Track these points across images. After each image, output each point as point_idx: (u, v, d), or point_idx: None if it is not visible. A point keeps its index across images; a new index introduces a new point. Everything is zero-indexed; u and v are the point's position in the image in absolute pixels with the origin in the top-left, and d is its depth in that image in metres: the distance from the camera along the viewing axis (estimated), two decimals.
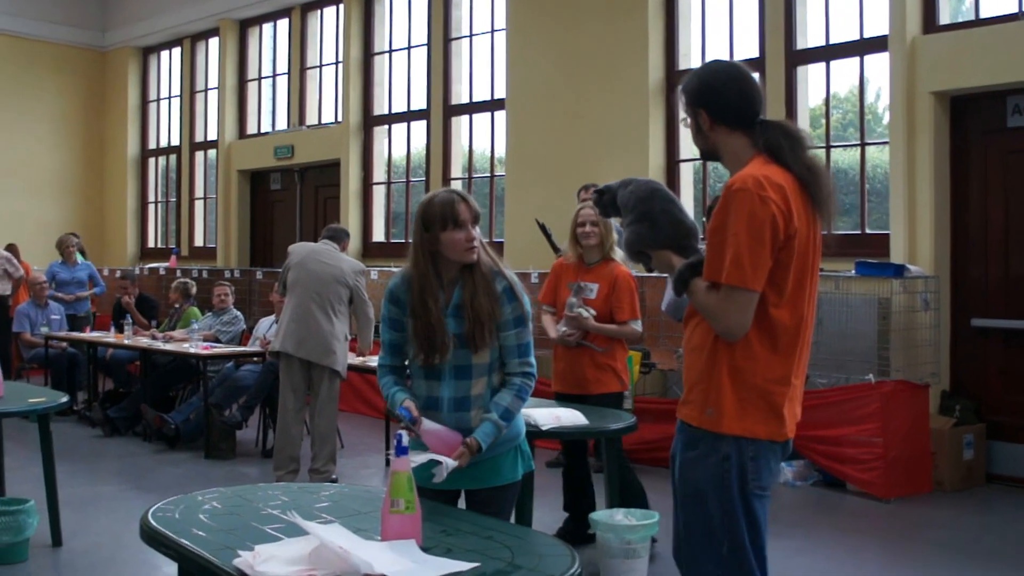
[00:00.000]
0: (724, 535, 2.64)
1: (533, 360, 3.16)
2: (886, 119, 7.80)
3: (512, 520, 3.26)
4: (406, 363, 3.23)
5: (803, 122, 7.97)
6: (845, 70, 8.01)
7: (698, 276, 2.65)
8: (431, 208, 3.07)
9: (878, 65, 7.71)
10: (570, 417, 4.27)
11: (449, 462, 2.89)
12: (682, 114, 2.81)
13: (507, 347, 3.11)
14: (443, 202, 3.05)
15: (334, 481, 6.77)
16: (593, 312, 5.13)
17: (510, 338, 3.10)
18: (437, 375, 3.10)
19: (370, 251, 11.38)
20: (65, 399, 5.43)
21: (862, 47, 7.71)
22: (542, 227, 7.92)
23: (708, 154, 2.83)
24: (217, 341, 8.62)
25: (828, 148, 7.96)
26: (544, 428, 4.10)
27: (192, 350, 8.03)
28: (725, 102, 2.71)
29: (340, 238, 7.12)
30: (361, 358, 7.41)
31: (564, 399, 5.11)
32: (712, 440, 2.64)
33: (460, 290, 3.08)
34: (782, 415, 2.67)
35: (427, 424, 3.01)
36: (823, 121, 8.07)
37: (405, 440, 2.45)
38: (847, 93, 8.34)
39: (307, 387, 6.85)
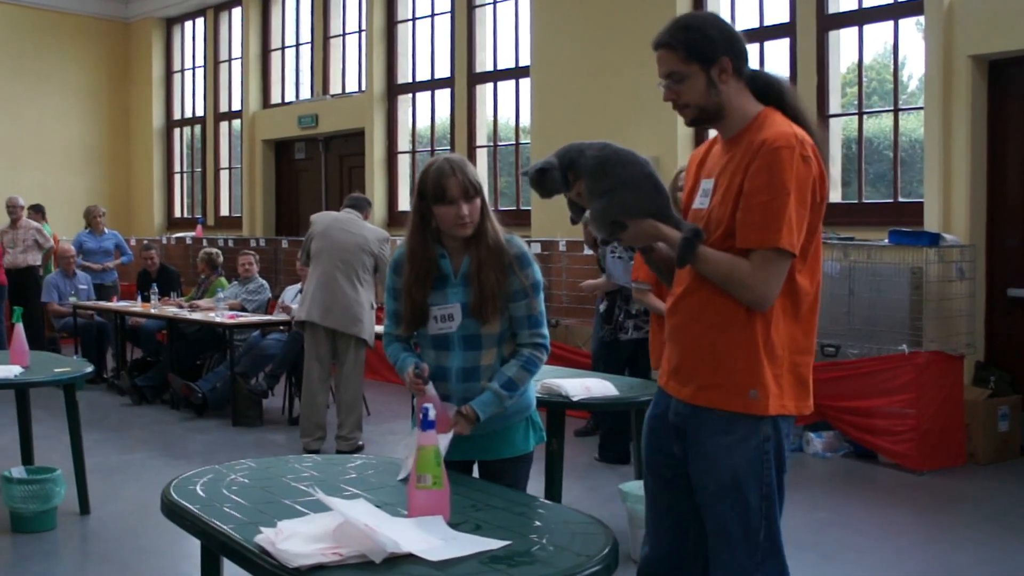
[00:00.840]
0: (761, 521, 2.48)
1: (546, 331, 3.05)
2: (912, 85, 7.64)
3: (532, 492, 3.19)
4: (413, 334, 3.17)
5: (834, 88, 7.80)
6: (877, 34, 7.83)
7: (702, 243, 2.49)
8: (425, 178, 2.98)
9: (910, 30, 7.52)
10: (600, 387, 4.20)
11: (443, 440, 2.78)
12: (666, 73, 2.52)
13: (517, 318, 3.02)
14: (435, 174, 2.94)
15: (360, 447, 6.84)
16: None
17: (520, 308, 3.01)
18: (446, 344, 3.03)
19: (395, 220, 11.33)
20: (90, 369, 5.43)
21: (896, 10, 7.51)
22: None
23: (713, 114, 2.55)
24: (243, 310, 8.61)
25: (861, 115, 7.80)
26: (574, 399, 4.03)
27: (218, 319, 8.03)
28: (741, 47, 2.53)
29: (362, 207, 7.08)
30: None
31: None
32: (753, 422, 2.47)
33: (468, 260, 3.01)
34: (808, 386, 2.55)
35: (431, 389, 2.95)
36: (852, 88, 7.89)
37: (432, 414, 2.38)
38: (878, 58, 8.16)
39: (333, 355, 6.84)
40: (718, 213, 2.51)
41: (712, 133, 2.70)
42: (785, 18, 7.98)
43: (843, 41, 7.83)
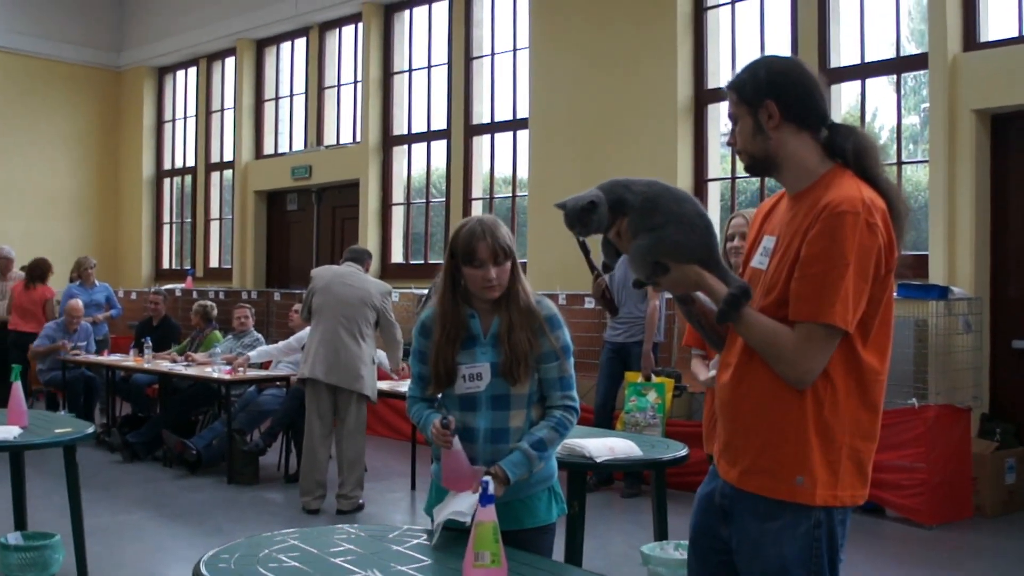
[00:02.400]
0: None
1: (575, 394, 3.01)
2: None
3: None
4: (439, 395, 3.10)
5: None
6: (879, 88, 7.87)
7: (748, 303, 2.31)
8: (457, 238, 2.97)
9: (912, 84, 7.58)
10: (624, 448, 4.12)
11: (468, 500, 2.70)
12: (725, 121, 2.46)
13: (547, 380, 2.98)
14: (466, 235, 2.94)
15: (361, 506, 6.74)
16: None
17: (551, 371, 2.98)
18: (473, 405, 2.96)
19: (389, 272, 11.25)
20: (91, 429, 5.27)
21: (899, 65, 7.57)
22: (582, 244, 7.77)
23: (763, 162, 2.38)
24: None
25: None
26: (599, 460, 3.94)
27: (215, 375, 7.89)
28: (798, 92, 2.32)
29: (363, 259, 7.01)
30: (390, 382, 7.28)
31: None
32: (800, 509, 2.28)
33: (498, 320, 2.98)
34: (867, 475, 2.32)
35: (457, 443, 2.87)
36: None
37: (491, 488, 2.27)
38: (880, 111, 8.20)
39: (334, 412, 6.72)
40: (774, 276, 2.33)
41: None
42: None
43: (844, 94, 7.88)
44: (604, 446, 4.02)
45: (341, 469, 6.70)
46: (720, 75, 8.45)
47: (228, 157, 13.65)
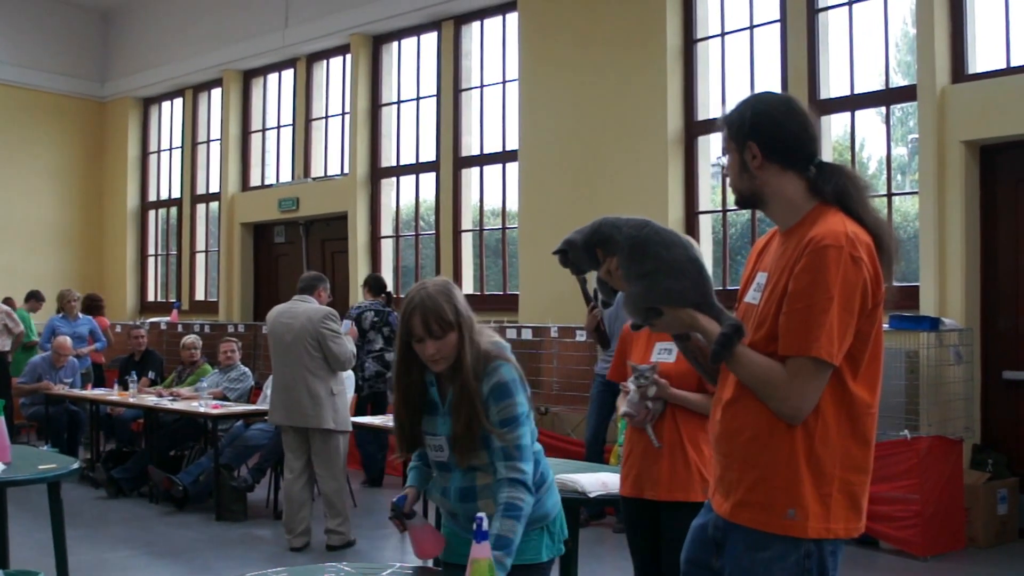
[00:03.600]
0: None
1: (525, 466, 2.79)
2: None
3: None
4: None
5: None
6: (868, 120, 7.90)
7: (741, 340, 2.34)
8: (403, 310, 2.89)
9: (899, 115, 7.61)
10: (617, 482, 4.05)
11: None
12: (718, 154, 2.53)
13: (492, 449, 2.84)
14: (404, 311, 2.86)
15: (352, 542, 6.63)
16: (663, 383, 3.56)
17: (493, 440, 2.82)
18: (446, 467, 2.96)
19: None
20: (76, 465, 5.19)
21: (888, 96, 7.61)
22: (580, 278, 7.76)
23: (750, 199, 2.46)
24: (225, 399, 8.39)
25: None
26: (592, 495, 3.89)
27: (202, 409, 7.80)
28: (781, 135, 2.38)
29: (315, 287, 6.70)
30: (383, 416, 7.22)
31: (631, 505, 3.68)
32: (790, 540, 2.30)
33: (451, 393, 2.89)
34: (861, 508, 2.36)
35: (417, 520, 2.94)
36: None
37: (485, 524, 2.24)
38: (869, 142, 8.23)
39: (308, 448, 6.62)
40: (763, 311, 2.37)
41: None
42: None
43: (834, 126, 7.90)
44: (597, 480, 3.97)
45: (325, 505, 6.63)
46: (710, 107, 8.45)
47: (214, 189, 13.57)
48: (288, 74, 12.62)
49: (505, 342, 2.98)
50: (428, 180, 10.98)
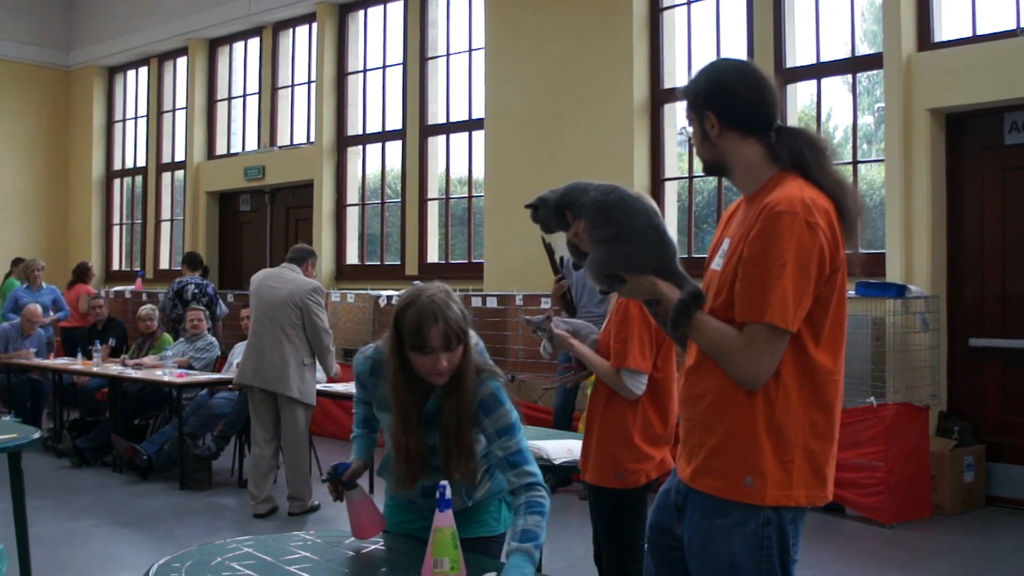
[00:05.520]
0: None
1: (533, 468, 2.70)
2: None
3: None
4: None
5: None
6: (834, 88, 7.90)
7: (701, 309, 2.33)
8: (403, 316, 2.64)
9: (866, 84, 7.61)
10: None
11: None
12: (682, 123, 2.52)
13: (495, 462, 2.77)
14: (415, 317, 2.60)
15: (315, 507, 6.68)
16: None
17: (495, 451, 2.73)
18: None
19: (344, 273, 11.13)
20: (37, 435, 5.12)
21: (854, 65, 7.60)
22: (547, 246, 7.71)
23: (714, 166, 2.45)
24: (190, 368, 8.32)
25: None
26: (557, 462, 3.87)
27: (166, 378, 7.72)
28: (737, 103, 2.35)
29: (304, 259, 6.80)
30: (345, 384, 7.17)
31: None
32: (749, 508, 2.28)
33: (435, 400, 2.75)
34: (825, 476, 2.31)
35: (358, 493, 2.81)
36: None
37: (448, 493, 2.20)
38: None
39: (275, 416, 6.61)
40: (722, 278, 2.34)
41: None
42: None
43: (800, 94, 7.89)
44: (562, 448, 3.96)
45: (287, 472, 6.66)
46: (676, 75, 8.42)
47: (180, 157, 13.44)
48: (254, 42, 12.47)
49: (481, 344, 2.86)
50: (394, 148, 10.90)
